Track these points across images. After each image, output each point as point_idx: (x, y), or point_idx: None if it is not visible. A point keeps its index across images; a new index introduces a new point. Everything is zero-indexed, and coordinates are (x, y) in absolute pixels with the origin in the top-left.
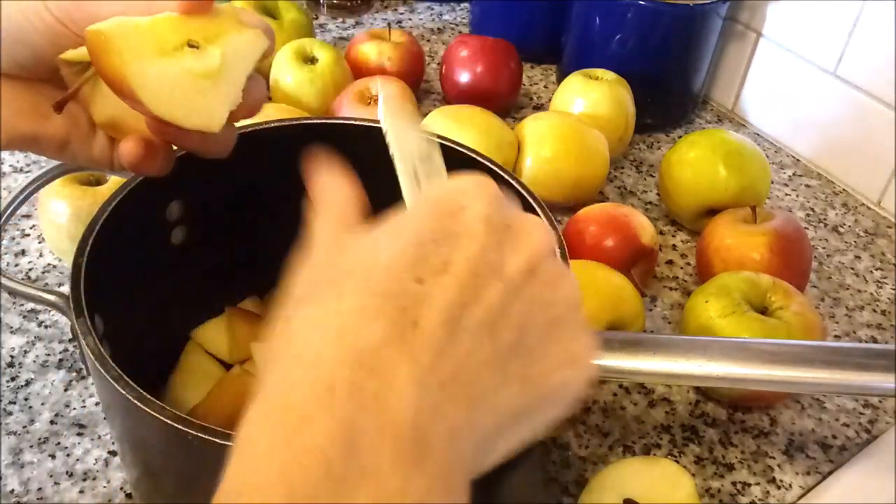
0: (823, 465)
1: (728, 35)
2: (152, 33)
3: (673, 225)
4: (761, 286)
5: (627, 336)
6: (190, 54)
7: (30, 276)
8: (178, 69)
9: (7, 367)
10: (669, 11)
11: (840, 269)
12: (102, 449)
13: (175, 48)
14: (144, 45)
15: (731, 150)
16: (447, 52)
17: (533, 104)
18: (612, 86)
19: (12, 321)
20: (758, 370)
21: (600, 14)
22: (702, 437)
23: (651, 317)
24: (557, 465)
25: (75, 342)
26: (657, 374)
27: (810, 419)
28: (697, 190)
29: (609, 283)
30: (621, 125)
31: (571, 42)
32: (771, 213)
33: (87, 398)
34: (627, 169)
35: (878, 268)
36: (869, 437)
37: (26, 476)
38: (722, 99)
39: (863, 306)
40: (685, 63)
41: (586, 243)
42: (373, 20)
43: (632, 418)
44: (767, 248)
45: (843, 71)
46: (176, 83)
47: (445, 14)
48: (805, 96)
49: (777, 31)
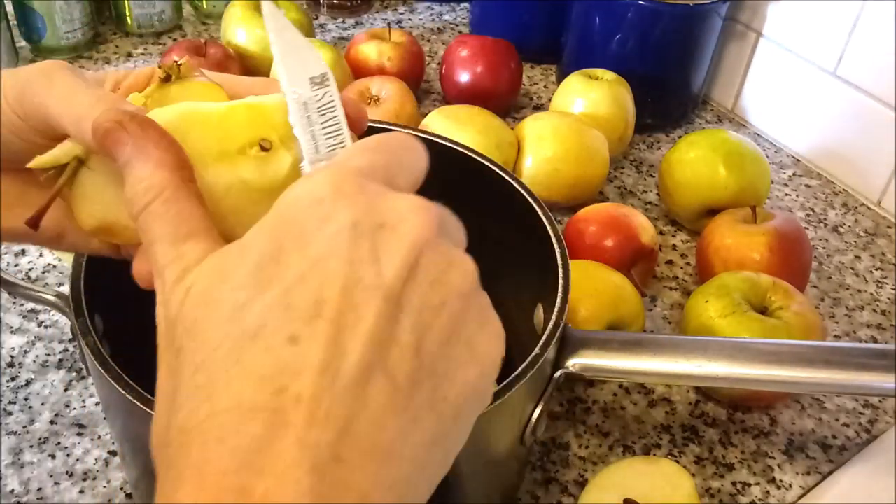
0: (823, 465)
1: (728, 35)
2: (219, 128)
3: (673, 225)
4: (761, 286)
5: (627, 336)
6: (253, 161)
7: (30, 276)
8: (232, 178)
9: (7, 367)
10: (669, 11)
11: (840, 269)
12: (102, 449)
13: (240, 149)
14: (205, 143)
15: (731, 150)
16: (447, 52)
17: (533, 104)
18: (612, 86)
19: (12, 321)
20: (758, 370)
21: (600, 14)
22: (702, 437)
23: (651, 317)
24: (557, 465)
25: (75, 342)
26: (657, 374)
27: (810, 419)
28: (697, 190)
29: (609, 283)
30: (621, 125)
31: (571, 42)
32: (771, 213)
33: (87, 398)
34: (627, 169)
35: (878, 268)
36: (869, 437)
37: (26, 476)
38: (722, 99)
39: (863, 306)
40: (685, 63)
41: (586, 243)
42: (373, 20)
43: (632, 418)
44: (767, 248)
45: (843, 71)
46: (226, 193)
47: (445, 14)
48: (805, 96)
49: (777, 31)
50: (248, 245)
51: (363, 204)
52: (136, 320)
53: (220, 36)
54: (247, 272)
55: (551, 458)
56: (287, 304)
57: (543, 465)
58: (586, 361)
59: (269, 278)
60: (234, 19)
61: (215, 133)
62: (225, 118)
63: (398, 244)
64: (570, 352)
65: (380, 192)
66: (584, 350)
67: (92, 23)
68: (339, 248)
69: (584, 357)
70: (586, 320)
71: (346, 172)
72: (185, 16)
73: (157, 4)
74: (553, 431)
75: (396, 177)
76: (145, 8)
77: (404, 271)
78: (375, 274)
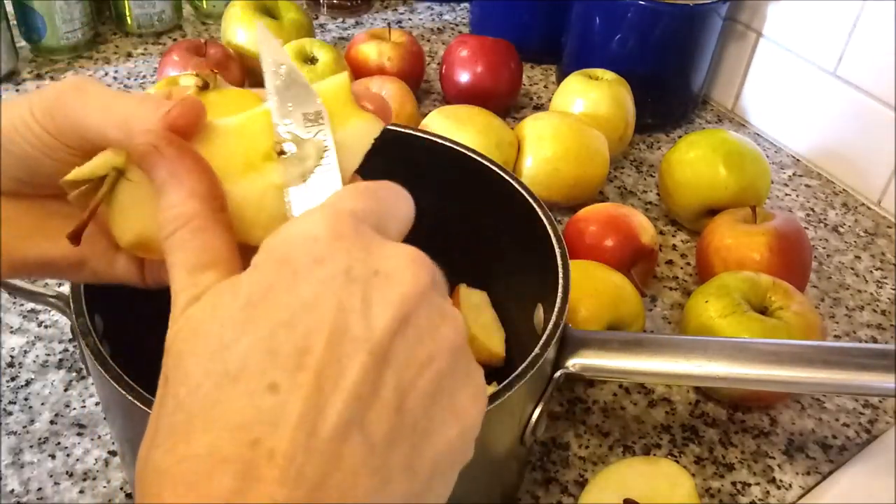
0: (823, 465)
1: (728, 35)
2: (241, 139)
3: (673, 225)
4: (761, 286)
5: (627, 336)
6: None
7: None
8: (265, 185)
9: (7, 367)
10: (669, 11)
11: (840, 269)
12: (102, 449)
13: (265, 156)
14: (230, 157)
15: (731, 150)
16: (447, 52)
17: (533, 104)
18: (612, 86)
19: (12, 321)
20: (758, 370)
21: (600, 14)
22: (702, 437)
23: (651, 317)
24: (557, 465)
25: (75, 342)
26: (657, 374)
27: (810, 419)
28: (697, 190)
29: (609, 283)
30: (621, 125)
31: (571, 42)
32: (771, 213)
33: (87, 398)
34: (627, 169)
35: (878, 268)
36: (869, 437)
37: (26, 476)
38: (722, 99)
39: (863, 306)
40: (685, 63)
41: (586, 243)
42: (373, 20)
43: (632, 418)
44: (767, 248)
45: (843, 71)
46: (261, 201)
47: (445, 14)
48: (805, 96)
49: (777, 31)
50: (242, 282)
51: (358, 249)
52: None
53: (220, 36)
54: (236, 309)
55: (551, 458)
56: (271, 348)
57: (543, 465)
58: (586, 361)
59: (256, 318)
60: (234, 19)
61: (238, 145)
62: (244, 129)
63: (391, 294)
64: (570, 352)
65: (375, 238)
66: (584, 350)
67: (92, 23)
68: (329, 294)
69: (584, 357)
70: (586, 320)
71: (343, 214)
72: (185, 16)
73: (157, 4)
74: (553, 431)
75: (387, 224)
76: (145, 8)
77: (395, 324)
78: (365, 327)
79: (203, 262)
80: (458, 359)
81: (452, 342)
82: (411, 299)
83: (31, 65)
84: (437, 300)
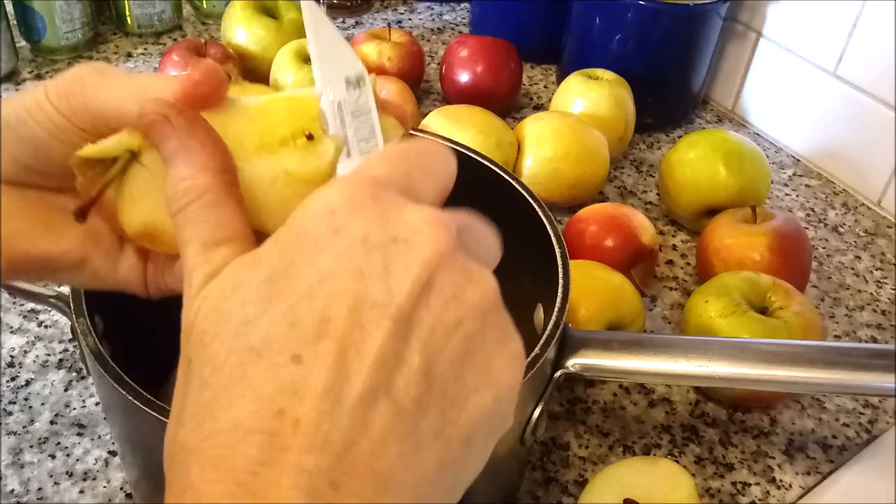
0: (823, 465)
1: (728, 35)
2: (260, 120)
3: (673, 225)
4: (761, 286)
5: (627, 336)
6: (297, 152)
7: None
8: (277, 170)
9: (7, 367)
10: (669, 11)
11: (840, 269)
12: (102, 449)
13: (282, 141)
14: (246, 135)
15: (731, 150)
16: (447, 52)
17: (533, 104)
18: (611, 86)
19: (12, 321)
20: (758, 370)
21: (600, 14)
22: (702, 437)
23: (651, 317)
24: (557, 465)
25: (75, 342)
26: (657, 374)
27: (810, 419)
28: (697, 190)
29: (609, 283)
30: (621, 125)
31: (571, 42)
32: (771, 213)
33: (87, 398)
34: (627, 169)
35: (878, 268)
36: (869, 437)
37: (26, 476)
38: (722, 99)
39: (863, 306)
40: (685, 63)
41: (586, 243)
42: (373, 20)
43: (632, 418)
44: (767, 248)
45: (843, 71)
46: (271, 186)
47: (445, 14)
48: (805, 96)
49: (777, 31)
50: (261, 257)
51: (376, 216)
52: (136, 320)
53: (220, 36)
54: (257, 286)
55: (551, 458)
56: (293, 321)
57: (543, 465)
58: (586, 361)
59: (277, 293)
60: (234, 19)
61: (256, 125)
62: (265, 110)
63: (411, 259)
64: (570, 352)
65: (395, 203)
66: (584, 350)
67: (92, 23)
68: (348, 263)
69: (584, 357)
70: (586, 320)
71: (362, 182)
72: (185, 16)
73: (157, 4)
74: (553, 431)
75: (419, 186)
76: (145, 8)
77: (416, 288)
78: (385, 291)
79: (217, 237)
80: (489, 320)
81: (479, 303)
82: (431, 262)
83: (31, 65)
84: (460, 262)
